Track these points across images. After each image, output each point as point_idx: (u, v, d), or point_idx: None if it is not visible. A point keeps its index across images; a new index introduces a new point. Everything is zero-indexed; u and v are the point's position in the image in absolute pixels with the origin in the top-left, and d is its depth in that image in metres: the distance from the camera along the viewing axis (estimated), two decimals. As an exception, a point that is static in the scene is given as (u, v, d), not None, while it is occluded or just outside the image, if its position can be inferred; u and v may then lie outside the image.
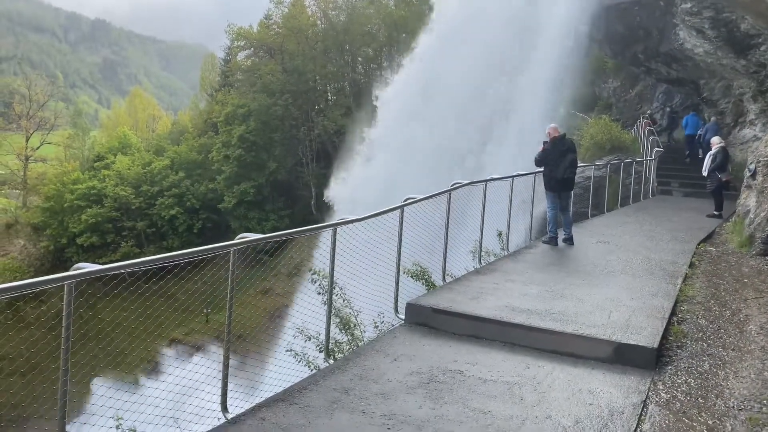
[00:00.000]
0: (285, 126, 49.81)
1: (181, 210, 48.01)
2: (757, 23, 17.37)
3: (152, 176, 49.35)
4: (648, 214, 16.16)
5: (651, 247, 11.21)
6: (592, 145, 24.60)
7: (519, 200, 12.80)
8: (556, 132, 11.06)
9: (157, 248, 47.56)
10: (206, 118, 57.75)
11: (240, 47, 55.24)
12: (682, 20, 22.09)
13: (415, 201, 8.11)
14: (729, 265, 10.00)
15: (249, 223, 47.55)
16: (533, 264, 9.65)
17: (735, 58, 20.73)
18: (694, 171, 19.27)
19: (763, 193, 11.39)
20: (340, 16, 52.04)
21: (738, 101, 23.43)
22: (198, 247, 22.21)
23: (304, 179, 50.17)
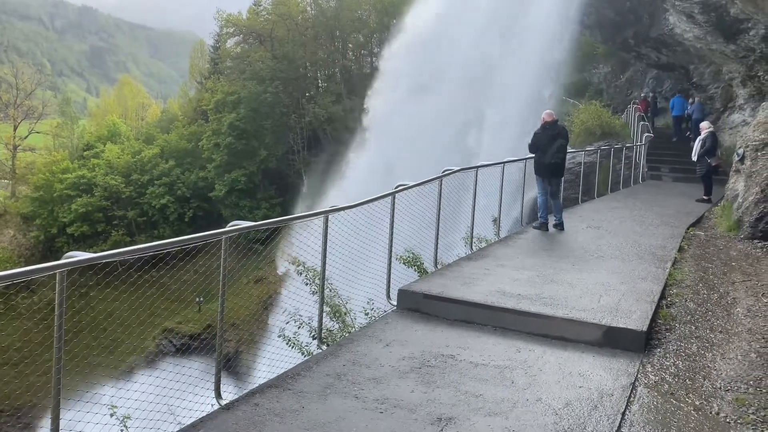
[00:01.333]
0: (275, 113, 49.55)
1: (172, 199, 47.83)
2: (746, 8, 17.39)
3: (142, 165, 49.10)
4: (638, 199, 16.26)
5: (641, 231, 11.30)
6: (583, 131, 24.66)
7: (511, 185, 12.86)
8: (549, 117, 11.09)
9: (148, 237, 47.39)
10: (196, 106, 57.39)
11: (229, 34, 54.79)
12: (672, 5, 22.08)
13: (406, 188, 8.13)
14: (717, 249, 10.11)
15: (240, 212, 47.43)
16: (524, 249, 9.71)
17: (724, 43, 20.76)
18: (684, 156, 19.38)
19: (752, 177, 11.48)
20: (330, 2, 51.73)
21: (727, 86, 23.51)
22: (189, 235, 22.16)
23: (296, 167, 50.04)
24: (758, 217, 10.41)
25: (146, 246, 4.54)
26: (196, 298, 34.18)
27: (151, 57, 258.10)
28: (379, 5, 49.73)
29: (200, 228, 48.63)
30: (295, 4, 52.29)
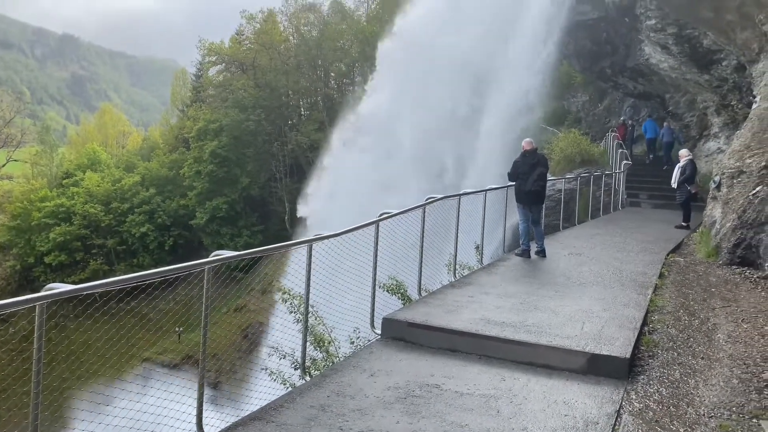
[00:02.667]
0: (258, 141, 49.63)
1: (152, 227, 47.40)
2: (718, 39, 17.92)
3: (122, 193, 48.70)
4: (618, 225, 16.45)
5: (622, 258, 11.41)
6: (563, 159, 24.98)
7: (493, 212, 12.94)
8: (528, 146, 11.25)
9: (128, 266, 46.83)
10: (177, 134, 57.28)
11: (212, 62, 55.03)
12: (647, 36, 22.70)
13: (390, 216, 8.16)
14: (697, 275, 10.22)
15: (221, 240, 47.13)
16: (507, 276, 9.74)
17: (698, 73, 21.34)
18: (662, 182, 19.70)
19: (728, 204, 11.69)
20: (313, 32, 52.24)
21: (702, 115, 24.07)
22: (169, 264, 22.11)
23: (278, 194, 49.97)
24: (736, 243, 10.57)
25: (128, 277, 4.48)
26: (175, 327, 33.66)
27: (132, 85, 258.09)
28: (361, 35, 50.35)
29: (181, 256, 48.20)
30: (277, 34, 52.76)
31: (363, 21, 52.74)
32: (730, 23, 15.62)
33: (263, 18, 52.87)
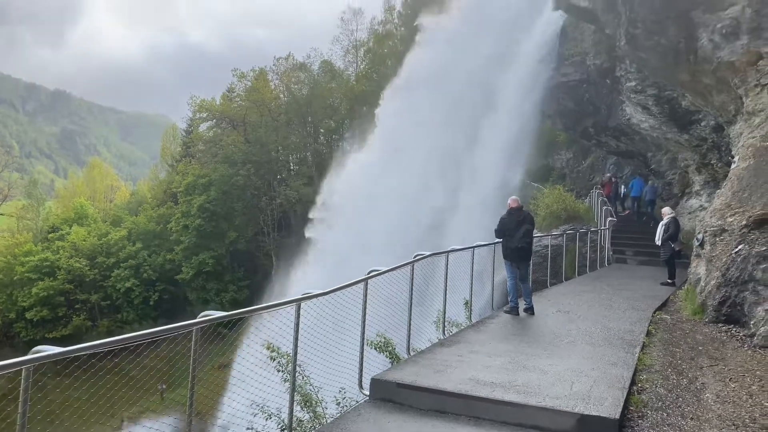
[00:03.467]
0: (246, 195, 49.90)
1: (137, 282, 46.97)
2: (696, 101, 18.51)
3: (108, 247, 48.43)
4: (605, 282, 16.53)
5: (609, 315, 11.44)
6: (549, 215, 25.24)
7: (481, 269, 13.00)
8: (515, 203, 11.42)
9: (111, 321, 46.18)
10: (166, 188, 57.48)
11: (202, 119, 55.80)
12: (628, 97, 23.41)
13: (379, 273, 8.18)
14: (684, 333, 10.25)
15: (207, 295, 46.71)
16: (496, 334, 9.72)
17: (678, 133, 21.94)
18: (647, 239, 19.91)
19: (712, 261, 11.84)
20: (303, 90, 53.34)
21: (684, 173, 24.59)
22: (154, 319, 22.03)
23: (265, 248, 49.90)
24: (721, 301, 10.65)
25: (118, 339, 4.45)
26: (158, 385, 32.89)
27: (122, 139, 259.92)
28: (350, 94, 51.46)
29: (165, 311, 47.59)
30: (268, 91, 53.80)
31: (352, 80, 53.97)
32: (707, 86, 16.20)
33: (254, 76, 53.96)
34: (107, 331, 45.47)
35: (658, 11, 15.64)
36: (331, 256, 34.65)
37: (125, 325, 45.92)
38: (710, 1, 14.09)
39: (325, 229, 39.65)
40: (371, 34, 55.13)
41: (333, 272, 29.82)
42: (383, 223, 32.59)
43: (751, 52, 13.86)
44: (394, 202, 33.49)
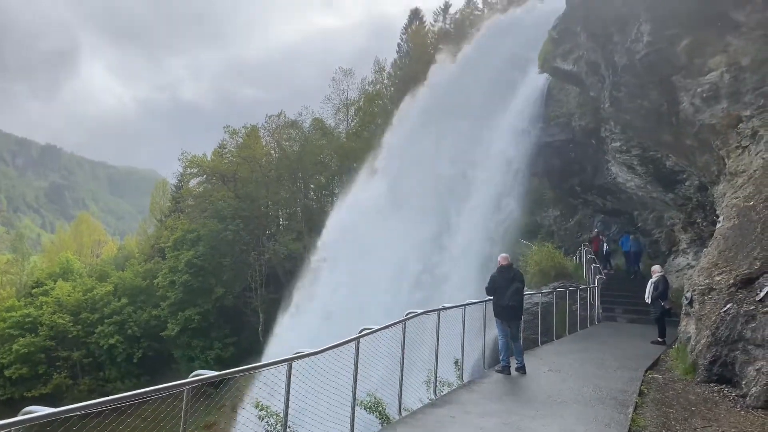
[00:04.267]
0: (235, 251, 49.61)
1: (121, 338, 46.02)
2: (680, 161, 18.97)
3: (93, 303, 47.69)
4: (595, 341, 16.49)
5: (601, 375, 11.37)
6: (538, 272, 25.28)
7: (472, 326, 12.93)
8: (505, 261, 11.49)
9: (93, 379, 45.04)
10: (154, 243, 57.18)
11: (193, 174, 56.00)
12: (613, 157, 23.92)
13: (371, 332, 8.14)
14: (676, 393, 10.19)
15: (192, 352, 45.82)
16: (488, 394, 9.61)
17: (663, 192, 22.34)
18: (636, 297, 19.97)
19: (701, 320, 11.87)
20: (294, 146, 53.94)
21: (670, 231, 24.89)
22: (137, 378, 21.59)
23: (252, 305, 49.26)
24: (712, 360, 10.64)
25: (109, 399, 4.37)
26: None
27: (111, 194, 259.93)
28: (341, 151, 52.11)
29: (149, 369, 46.54)
30: (259, 147, 54.33)
31: (342, 137, 54.77)
32: (689, 147, 16.64)
33: (246, 133, 54.61)
34: (88, 390, 44.26)
35: (641, 75, 16.20)
36: (318, 313, 34.35)
37: (107, 384, 44.77)
38: (690, 67, 14.64)
39: (312, 285, 39.44)
40: (361, 94, 56.34)
41: (320, 329, 29.54)
42: (373, 280, 32.49)
43: (731, 116, 14.33)
44: (384, 257, 33.47)
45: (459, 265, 30.19)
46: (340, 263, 36.41)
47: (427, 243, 32.35)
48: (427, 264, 31.67)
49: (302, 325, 35.38)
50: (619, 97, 18.14)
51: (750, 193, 12.25)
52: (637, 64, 16.17)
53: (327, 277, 37.63)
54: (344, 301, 32.59)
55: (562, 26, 22.64)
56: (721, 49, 13.85)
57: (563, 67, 23.33)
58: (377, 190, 38.10)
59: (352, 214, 39.44)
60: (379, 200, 36.54)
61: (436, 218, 33.02)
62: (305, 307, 38.71)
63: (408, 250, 32.78)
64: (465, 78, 36.17)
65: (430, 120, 36.50)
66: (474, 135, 33.25)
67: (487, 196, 31.70)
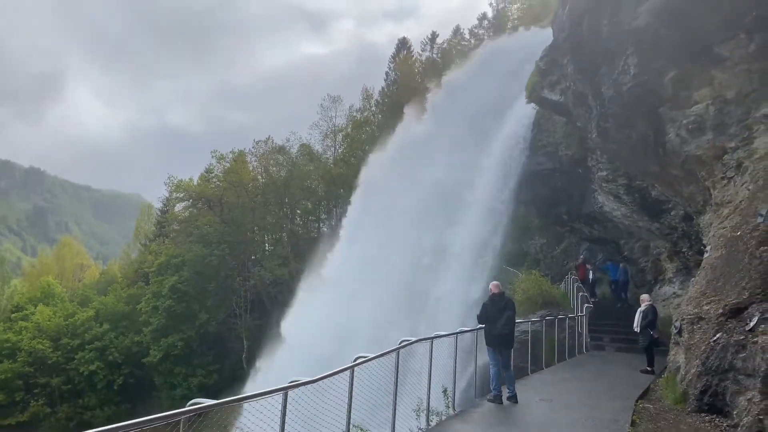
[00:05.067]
0: (220, 276, 49.19)
1: (102, 365, 45.17)
2: (666, 191, 19.21)
3: (74, 328, 46.85)
4: (585, 370, 16.48)
5: (592, 404, 11.34)
6: (525, 300, 25.26)
7: (460, 354, 12.86)
8: (496, 289, 11.50)
9: (71, 407, 44.07)
10: (137, 268, 56.54)
11: (179, 198, 55.76)
12: (600, 186, 24.18)
13: (366, 360, 8.07)
14: (668, 423, 10.18)
15: (175, 379, 45.09)
16: (481, 425, 9.54)
17: (649, 221, 22.57)
18: (624, 326, 20.03)
19: (691, 350, 11.92)
20: (281, 172, 54.00)
21: (656, 260, 25.10)
22: (116, 404, 21.14)
23: (237, 331, 48.69)
24: (702, 390, 10.65)
25: (108, 429, 4.26)
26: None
27: (94, 218, 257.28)
28: (328, 176, 52.21)
29: (130, 396, 45.66)
30: (246, 173, 54.30)
31: (330, 163, 54.92)
32: (675, 177, 16.89)
33: (233, 158, 54.60)
34: (66, 418, 43.27)
35: (628, 107, 16.48)
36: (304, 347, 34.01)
37: (86, 411, 43.80)
38: (677, 99, 14.92)
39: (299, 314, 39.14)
40: (349, 120, 56.71)
41: (305, 359, 29.22)
42: (361, 308, 32.34)
43: (717, 147, 14.58)
44: (372, 284, 33.35)
45: (446, 296, 30.13)
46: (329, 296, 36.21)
47: (417, 270, 32.34)
48: (416, 288, 31.60)
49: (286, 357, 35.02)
50: (606, 128, 18.41)
51: (737, 224, 12.42)
52: (624, 96, 16.46)
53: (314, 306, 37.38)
54: (328, 330, 32.34)
55: (549, 57, 23.03)
56: (706, 82, 14.14)
57: (550, 98, 23.68)
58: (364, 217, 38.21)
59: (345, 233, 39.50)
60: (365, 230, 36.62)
61: (423, 250, 33.05)
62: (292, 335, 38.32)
63: (397, 277, 32.71)
64: (456, 102, 36.66)
65: (419, 149, 36.78)
66: (461, 160, 33.52)
67: (474, 225, 31.86)
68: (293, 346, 35.62)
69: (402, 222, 34.23)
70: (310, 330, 34.62)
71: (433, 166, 34.44)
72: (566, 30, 18.92)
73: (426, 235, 33.26)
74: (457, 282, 30.32)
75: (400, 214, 34.49)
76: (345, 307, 33.41)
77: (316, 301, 37.01)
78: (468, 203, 32.41)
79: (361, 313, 31.82)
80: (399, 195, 35.36)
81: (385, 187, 37.41)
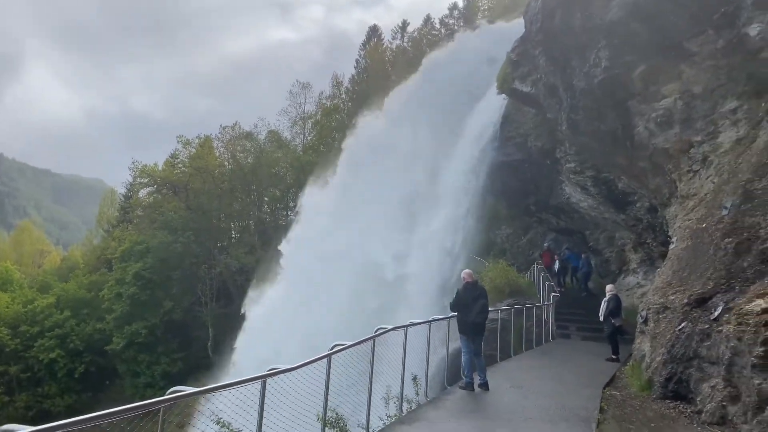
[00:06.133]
0: (185, 263, 48.49)
1: (63, 353, 44.24)
2: (632, 183, 19.60)
3: (33, 315, 45.71)
4: (553, 358, 16.77)
5: (561, 391, 11.56)
6: (492, 289, 25.46)
7: (431, 342, 12.94)
8: (469, 277, 11.58)
9: (30, 395, 43.10)
10: (100, 255, 55.42)
11: (143, 184, 54.68)
12: (567, 177, 24.53)
13: (344, 348, 8.06)
14: (635, 409, 10.44)
15: (138, 367, 44.45)
16: (454, 412, 9.63)
17: (615, 213, 23.01)
18: (590, 315, 20.40)
19: (656, 338, 12.23)
20: (248, 159, 53.34)
21: (621, 251, 25.62)
22: (77, 392, 20.76)
23: (202, 319, 48.11)
24: (667, 377, 10.94)
25: (86, 417, 4.15)
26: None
27: (55, 203, 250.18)
28: (296, 163, 51.78)
29: (91, 385, 44.85)
30: (212, 158, 53.52)
31: (299, 150, 54.48)
32: (642, 170, 17.23)
33: (199, 143, 53.72)
34: (25, 407, 42.30)
35: (599, 99, 16.72)
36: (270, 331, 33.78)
37: (46, 400, 42.87)
38: (646, 93, 15.20)
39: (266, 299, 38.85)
40: (319, 107, 56.31)
41: (277, 344, 29.10)
42: (328, 297, 32.23)
43: (683, 141, 14.93)
44: (339, 275, 33.23)
45: (414, 288, 30.19)
46: (296, 276, 36.01)
47: (384, 258, 32.33)
48: (384, 280, 31.61)
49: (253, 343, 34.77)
50: (576, 120, 18.66)
51: (702, 216, 12.74)
52: (594, 88, 16.70)
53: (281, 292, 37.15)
54: (299, 316, 32.19)
55: (521, 48, 23.18)
56: (675, 77, 14.43)
57: (521, 89, 23.86)
58: (332, 201, 38.04)
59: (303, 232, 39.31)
60: (337, 210, 36.46)
61: (391, 240, 33.05)
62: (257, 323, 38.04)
63: (365, 267, 32.65)
64: (426, 94, 36.70)
65: (386, 139, 36.73)
66: (431, 154, 33.57)
67: (442, 214, 31.98)
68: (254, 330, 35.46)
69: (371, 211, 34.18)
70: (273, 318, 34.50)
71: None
72: (539, 22, 19.06)
73: (392, 226, 33.27)
74: (425, 271, 30.44)
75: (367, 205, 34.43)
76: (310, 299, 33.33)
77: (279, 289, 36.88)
78: (435, 194, 32.52)
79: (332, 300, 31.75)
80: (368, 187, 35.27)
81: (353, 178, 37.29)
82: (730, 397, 9.07)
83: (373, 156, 36.76)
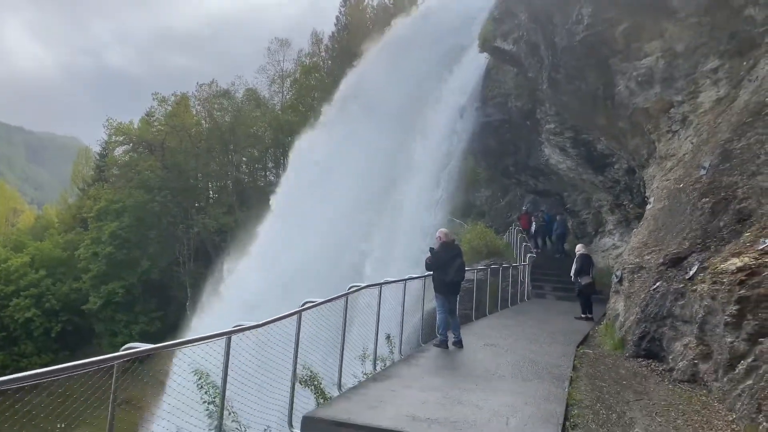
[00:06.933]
0: (162, 223, 47.96)
1: (39, 312, 43.83)
2: (611, 144, 19.49)
3: (8, 274, 45.08)
4: (527, 316, 16.85)
5: (535, 349, 11.58)
6: (470, 250, 25.55)
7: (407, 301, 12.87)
8: (446, 237, 11.43)
9: (7, 355, 42.81)
10: (75, 213, 54.54)
11: (118, 142, 53.54)
12: (547, 138, 24.36)
13: (315, 305, 7.89)
14: (607, 368, 10.50)
15: (116, 326, 44.28)
16: (428, 369, 9.58)
17: (593, 174, 22.98)
18: (564, 275, 20.52)
19: (630, 298, 12.28)
20: (226, 117, 52.34)
21: (597, 212, 25.71)
22: (54, 352, 20.63)
23: (180, 279, 47.89)
24: (641, 336, 11.01)
25: (27, 374, 3.94)
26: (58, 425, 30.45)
27: (28, 161, 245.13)
28: (275, 123, 50.98)
29: (68, 344, 44.62)
30: (189, 117, 52.48)
31: (277, 110, 53.54)
32: (622, 130, 17.09)
33: (176, 101, 52.54)
34: (2, 366, 42.00)
35: (580, 57, 16.43)
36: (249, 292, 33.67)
37: (22, 359, 42.59)
38: (628, 51, 14.95)
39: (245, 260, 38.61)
40: (298, 66, 55.17)
41: (252, 306, 28.98)
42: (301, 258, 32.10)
43: (664, 101, 14.77)
44: (315, 236, 33.05)
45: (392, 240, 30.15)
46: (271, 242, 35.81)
47: (361, 218, 32.18)
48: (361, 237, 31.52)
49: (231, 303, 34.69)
50: (557, 79, 18.39)
51: (680, 176, 12.67)
52: (576, 46, 16.39)
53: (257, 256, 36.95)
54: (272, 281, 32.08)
55: (503, 6, 22.68)
56: (657, 35, 14.18)
57: (503, 47, 23.42)
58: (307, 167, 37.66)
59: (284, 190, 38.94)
60: (311, 177, 36.13)
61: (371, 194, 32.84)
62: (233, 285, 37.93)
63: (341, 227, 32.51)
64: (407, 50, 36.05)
65: (366, 99, 36.18)
66: (411, 114, 33.14)
67: (422, 175, 31.76)
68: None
69: (350, 171, 33.86)
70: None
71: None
72: (522, -23, 18.59)
73: (371, 189, 33.03)
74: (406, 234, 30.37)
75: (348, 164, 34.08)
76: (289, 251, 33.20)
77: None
78: (415, 158, 32.24)
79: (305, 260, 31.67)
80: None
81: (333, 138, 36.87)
82: (701, 356, 9.12)
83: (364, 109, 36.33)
